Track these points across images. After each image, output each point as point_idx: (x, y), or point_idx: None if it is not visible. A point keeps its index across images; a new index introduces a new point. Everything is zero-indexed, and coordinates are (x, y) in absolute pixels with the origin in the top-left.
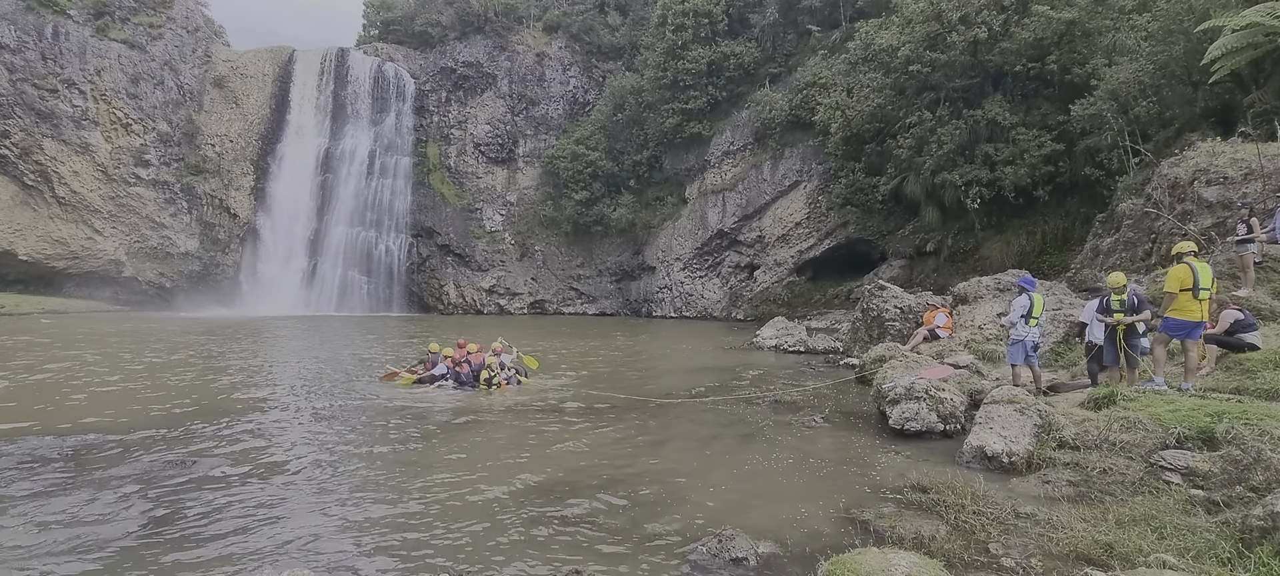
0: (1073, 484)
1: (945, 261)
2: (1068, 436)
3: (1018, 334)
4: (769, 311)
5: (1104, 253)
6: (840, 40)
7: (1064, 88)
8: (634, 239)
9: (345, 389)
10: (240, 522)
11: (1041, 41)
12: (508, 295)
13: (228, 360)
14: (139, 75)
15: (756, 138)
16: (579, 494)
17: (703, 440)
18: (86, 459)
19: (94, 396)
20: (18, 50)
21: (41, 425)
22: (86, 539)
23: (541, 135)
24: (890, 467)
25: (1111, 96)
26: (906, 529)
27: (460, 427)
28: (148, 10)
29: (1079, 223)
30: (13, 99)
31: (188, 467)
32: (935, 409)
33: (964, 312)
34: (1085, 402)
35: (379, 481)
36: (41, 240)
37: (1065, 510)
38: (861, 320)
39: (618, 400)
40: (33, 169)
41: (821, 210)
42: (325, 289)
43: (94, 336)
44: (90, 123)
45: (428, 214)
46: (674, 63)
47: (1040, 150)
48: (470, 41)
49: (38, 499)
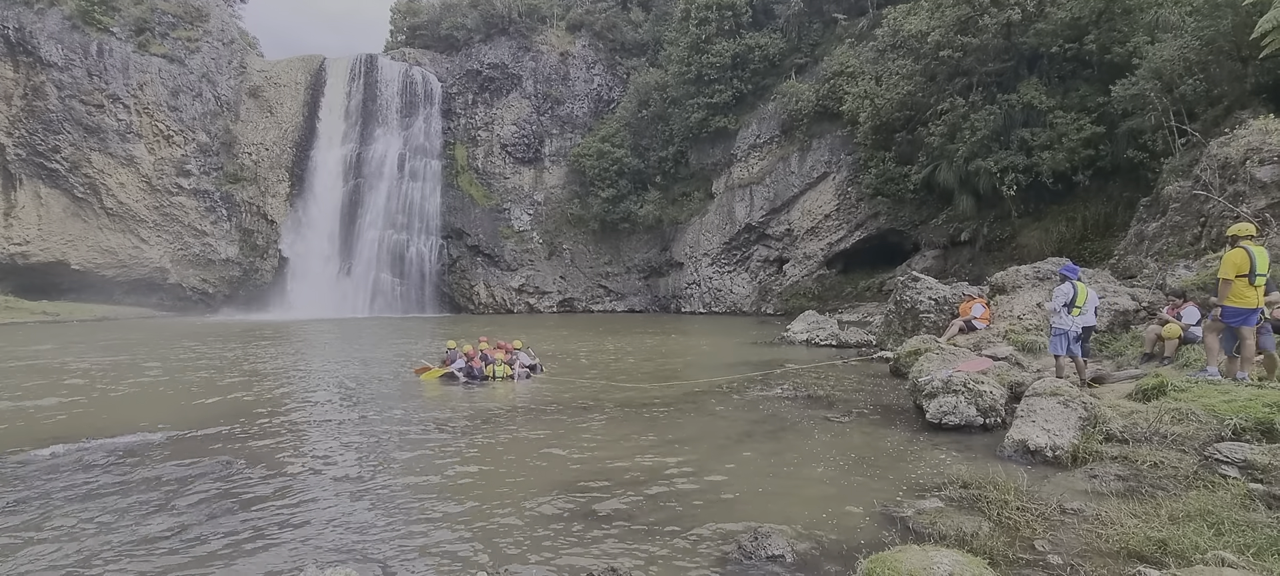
0: (1122, 478)
1: (981, 251)
2: (1115, 429)
3: (1060, 324)
4: (799, 305)
5: (1149, 238)
6: (867, 28)
7: (1104, 68)
8: (661, 235)
9: (382, 387)
10: (283, 519)
11: (1079, 21)
12: (537, 294)
13: (268, 362)
14: (179, 88)
15: (783, 130)
16: (612, 490)
17: (735, 436)
18: (138, 459)
19: (145, 398)
20: (65, 68)
21: (96, 426)
22: (133, 536)
23: (567, 134)
24: (928, 462)
25: (1155, 75)
26: (947, 525)
27: (494, 425)
28: (185, 24)
29: (1122, 208)
30: (62, 115)
31: (232, 466)
32: (974, 402)
33: (1002, 303)
34: (1133, 394)
35: (416, 479)
36: (92, 250)
37: (1114, 505)
38: (894, 312)
39: (649, 396)
40: (82, 182)
41: (851, 201)
42: (359, 291)
43: (144, 341)
44: (134, 135)
45: (457, 215)
46: (698, 57)
47: (1079, 133)
48: (495, 43)
49: (90, 497)
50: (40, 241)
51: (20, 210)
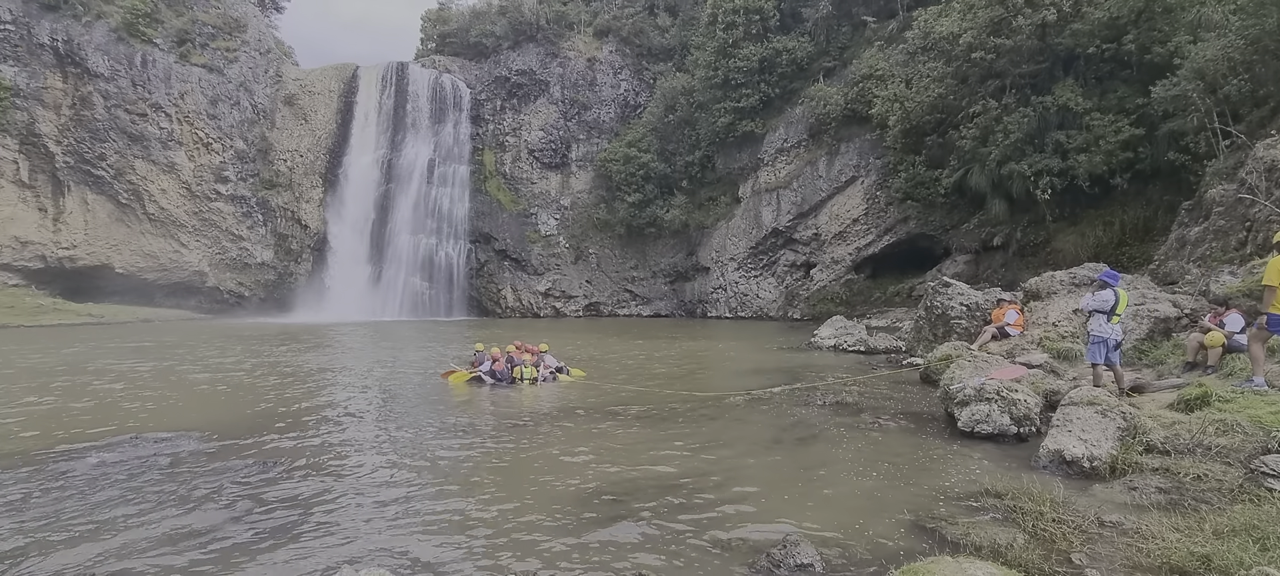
0: (1163, 491)
1: (1014, 256)
2: (1156, 440)
3: (1099, 331)
4: (826, 310)
5: (1191, 243)
6: (897, 30)
7: (1143, 68)
8: (687, 240)
9: (412, 390)
10: (315, 519)
11: (1117, 20)
12: (563, 298)
13: (302, 365)
14: (217, 97)
15: (811, 134)
16: (640, 496)
17: (763, 443)
18: (178, 458)
19: (186, 399)
20: (111, 78)
21: (138, 425)
22: (171, 531)
23: (594, 139)
24: (960, 472)
25: (1197, 75)
26: (981, 536)
27: (521, 429)
28: (224, 35)
29: (1162, 211)
30: (108, 124)
31: (269, 468)
32: (1008, 410)
33: (1036, 309)
34: (1175, 404)
35: (447, 482)
36: (135, 254)
37: (1155, 519)
38: (925, 318)
39: (676, 401)
40: (126, 188)
41: (880, 205)
42: (389, 295)
43: (183, 342)
44: (175, 143)
45: (485, 220)
46: (725, 61)
47: (1118, 136)
48: (523, 50)
49: (131, 493)
50: (87, 245)
51: (68, 216)
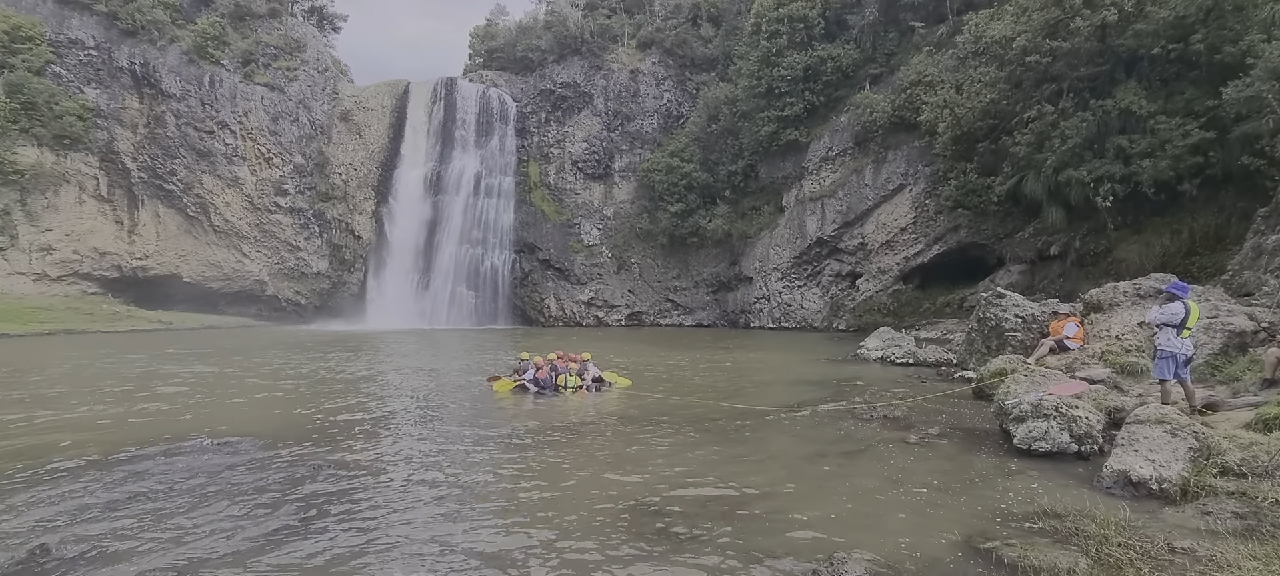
0: (1239, 516)
1: (1072, 266)
2: (1231, 462)
3: (1168, 346)
4: (873, 321)
5: (1268, 252)
6: (947, 35)
7: (1213, 69)
8: (730, 249)
9: (458, 396)
10: (366, 526)
11: (1183, 20)
12: (605, 307)
13: (355, 370)
14: (278, 114)
15: (857, 142)
16: (683, 509)
17: (808, 457)
18: (236, 462)
19: (246, 403)
20: (182, 98)
21: (201, 428)
22: (223, 531)
23: (637, 150)
24: (1016, 492)
25: (1272, 75)
26: (1039, 559)
27: (565, 440)
28: (285, 55)
29: (1235, 219)
30: (178, 141)
31: (320, 472)
32: (1068, 428)
33: (1097, 321)
34: (1252, 423)
35: (491, 491)
36: (201, 264)
37: (1231, 546)
38: (977, 330)
39: (719, 413)
40: (194, 202)
41: (929, 214)
42: (437, 304)
43: (244, 348)
44: (239, 159)
45: (529, 230)
46: (768, 70)
47: (1185, 140)
48: (568, 63)
49: (194, 495)
50: (158, 256)
51: (142, 227)
